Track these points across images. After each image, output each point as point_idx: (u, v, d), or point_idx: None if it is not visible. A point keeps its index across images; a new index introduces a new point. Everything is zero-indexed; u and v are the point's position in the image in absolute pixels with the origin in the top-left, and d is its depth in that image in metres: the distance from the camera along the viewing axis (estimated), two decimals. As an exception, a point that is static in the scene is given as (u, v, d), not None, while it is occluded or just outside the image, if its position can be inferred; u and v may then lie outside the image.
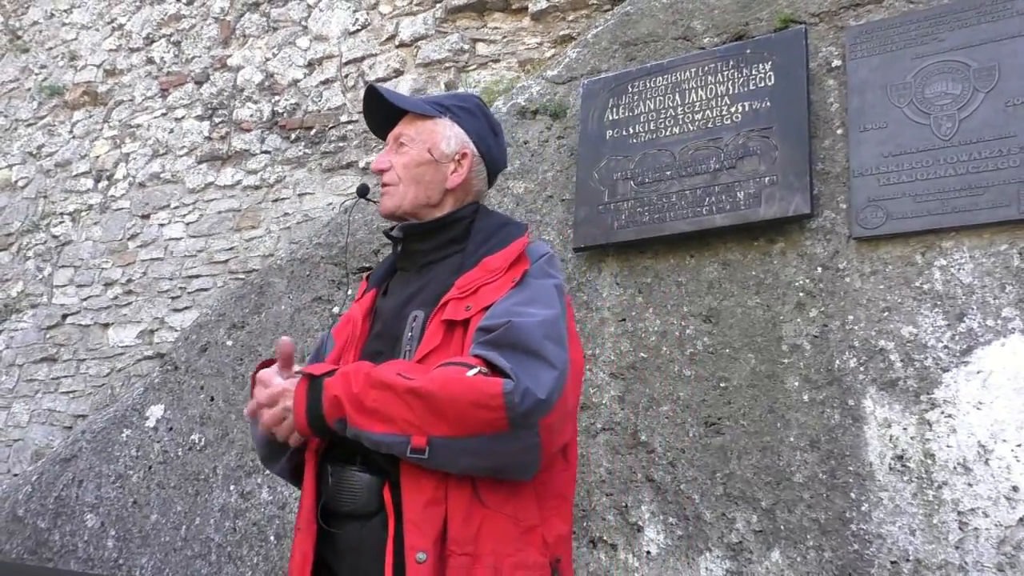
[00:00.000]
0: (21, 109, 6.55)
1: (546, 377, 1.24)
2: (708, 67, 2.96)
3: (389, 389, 1.25)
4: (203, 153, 5.42)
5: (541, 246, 1.49)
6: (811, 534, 2.43)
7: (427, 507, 1.26)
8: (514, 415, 1.20)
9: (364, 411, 1.26)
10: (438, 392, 1.22)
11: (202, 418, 3.95)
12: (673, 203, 2.88)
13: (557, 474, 1.38)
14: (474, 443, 1.23)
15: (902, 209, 2.51)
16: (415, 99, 1.63)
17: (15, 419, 5.77)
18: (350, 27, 4.98)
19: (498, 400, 1.20)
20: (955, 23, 2.57)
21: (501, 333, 1.27)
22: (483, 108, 1.59)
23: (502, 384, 1.21)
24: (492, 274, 1.40)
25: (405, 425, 1.24)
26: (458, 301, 1.37)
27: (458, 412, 1.22)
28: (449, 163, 1.51)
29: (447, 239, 1.51)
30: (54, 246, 5.99)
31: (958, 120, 2.49)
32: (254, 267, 4.91)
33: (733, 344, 2.71)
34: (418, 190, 1.50)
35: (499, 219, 1.55)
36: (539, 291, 1.37)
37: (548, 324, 1.30)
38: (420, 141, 1.52)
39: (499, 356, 1.24)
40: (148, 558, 3.85)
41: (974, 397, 2.32)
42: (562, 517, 1.38)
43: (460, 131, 1.53)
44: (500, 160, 1.61)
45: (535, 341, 1.26)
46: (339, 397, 1.28)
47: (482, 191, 1.59)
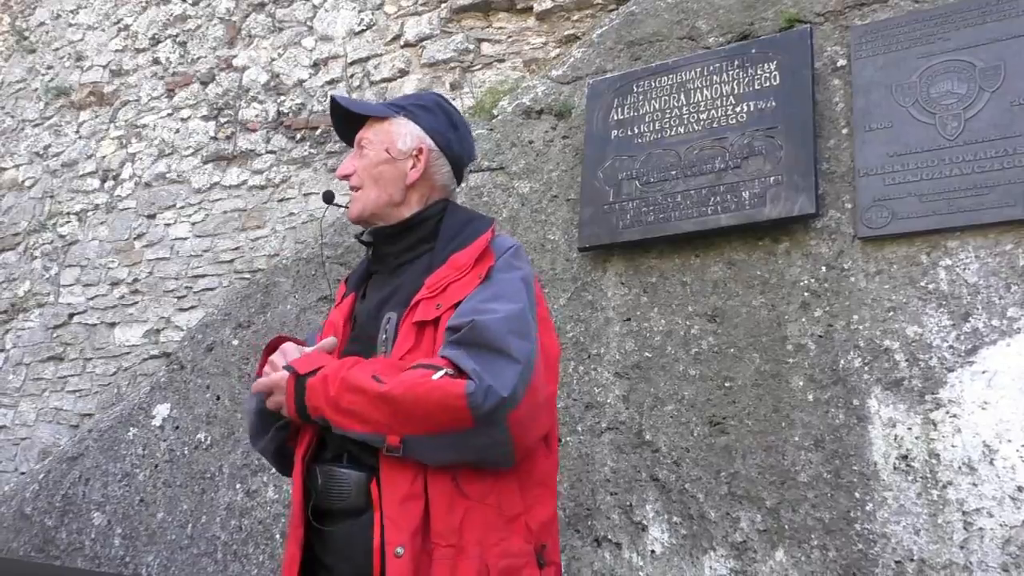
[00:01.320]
0: (28, 109, 6.58)
1: (510, 373, 1.27)
2: (713, 67, 2.96)
3: (362, 393, 1.30)
4: (209, 153, 5.44)
5: (506, 239, 1.52)
6: (815, 533, 2.44)
7: (404, 502, 1.29)
8: (478, 414, 1.24)
9: (341, 412, 1.32)
10: (404, 396, 1.27)
11: (208, 417, 3.96)
12: (678, 203, 2.89)
13: (539, 461, 1.41)
14: (445, 439, 1.28)
15: (907, 209, 2.51)
16: (372, 104, 1.68)
17: (22, 418, 5.80)
18: (355, 27, 4.99)
19: (461, 402, 1.24)
20: (961, 22, 2.56)
21: (466, 332, 1.30)
22: (442, 104, 1.61)
23: (464, 385, 1.25)
24: (459, 271, 1.43)
25: (379, 426, 1.29)
26: (428, 300, 1.41)
27: (424, 414, 1.26)
28: (407, 159, 1.54)
29: (416, 239, 1.53)
30: (61, 246, 6.02)
31: (963, 120, 2.49)
32: (260, 267, 4.93)
33: (738, 344, 2.72)
34: (379, 190, 1.53)
35: (466, 215, 1.58)
36: (504, 286, 1.40)
37: (512, 319, 1.32)
38: (378, 142, 1.55)
39: (464, 356, 1.28)
40: (155, 556, 3.86)
41: (979, 397, 2.32)
42: (545, 504, 1.41)
43: (415, 127, 1.55)
44: (464, 153, 1.63)
45: (499, 338, 1.29)
46: (319, 403, 1.34)
47: (448, 186, 1.60)
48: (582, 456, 2.87)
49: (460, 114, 1.64)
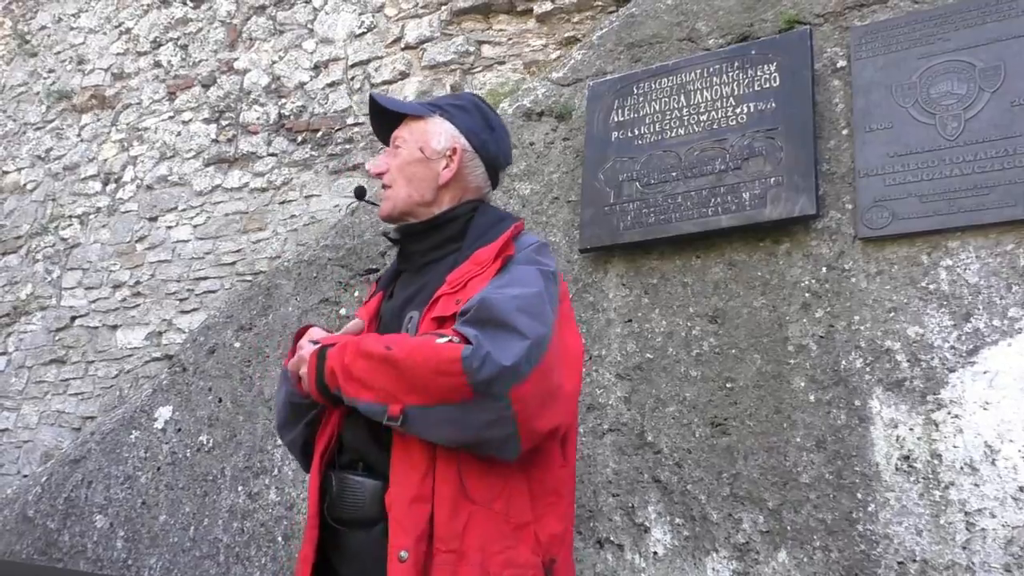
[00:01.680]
0: (30, 113, 6.59)
1: (515, 346, 1.21)
2: (713, 68, 2.96)
3: (371, 358, 1.28)
4: (210, 156, 5.45)
5: (530, 237, 1.49)
6: (818, 534, 2.44)
7: (412, 504, 1.26)
8: (475, 381, 1.19)
9: (352, 380, 1.29)
10: (405, 359, 1.24)
11: (210, 419, 3.97)
12: (679, 204, 2.89)
13: (553, 470, 1.36)
14: (444, 412, 1.23)
15: (908, 209, 2.51)
16: (409, 102, 1.65)
17: (24, 420, 5.81)
18: (356, 30, 5.00)
19: (456, 365, 1.20)
20: (960, 23, 2.56)
21: (475, 310, 1.27)
22: (479, 104, 1.59)
23: (461, 349, 1.21)
24: (480, 266, 1.40)
25: (383, 393, 1.26)
26: (448, 296, 1.38)
27: (422, 379, 1.23)
28: (440, 159, 1.52)
29: (443, 238, 1.51)
30: (63, 249, 6.03)
31: (964, 120, 2.49)
32: (261, 269, 4.94)
33: (739, 345, 2.72)
34: (411, 188, 1.52)
35: (497, 215, 1.55)
36: (518, 274, 1.36)
37: (523, 298, 1.28)
38: (412, 141, 1.53)
39: (470, 328, 1.24)
40: (157, 559, 3.87)
41: (981, 397, 2.32)
42: (558, 516, 1.35)
43: (450, 127, 1.53)
44: (500, 155, 1.60)
45: (505, 313, 1.24)
46: (334, 368, 1.32)
47: (482, 188, 1.58)
48: (584, 458, 2.87)
49: (497, 115, 1.62)
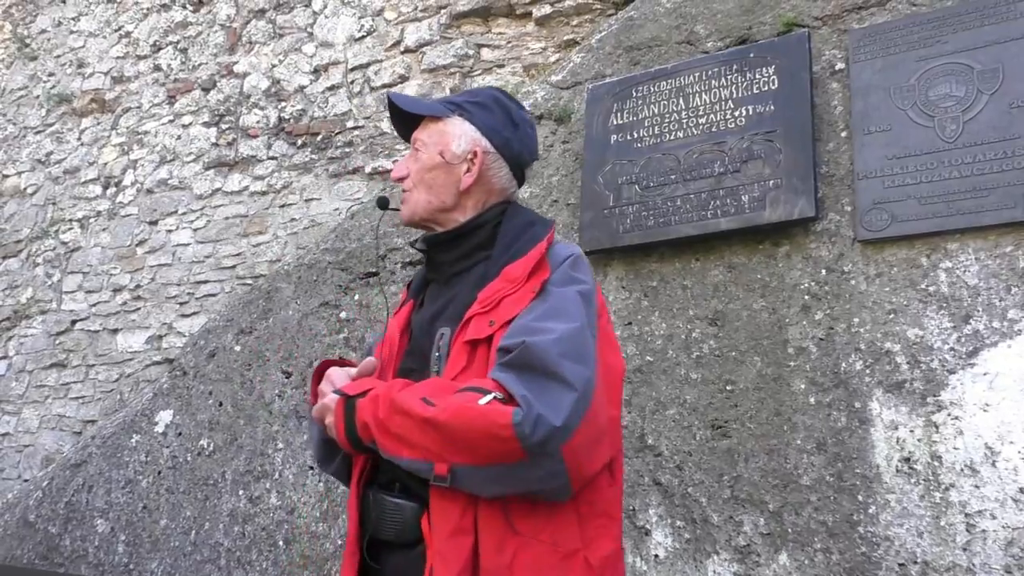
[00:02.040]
0: (30, 116, 6.60)
1: (564, 401, 1.16)
2: (712, 71, 2.97)
3: (409, 416, 1.22)
4: (210, 159, 5.45)
5: (565, 248, 1.39)
6: (818, 536, 2.44)
7: (452, 536, 1.22)
8: (528, 444, 1.14)
9: (390, 436, 1.24)
10: (451, 422, 1.18)
11: (211, 423, 3.97)
12: (678, 207, 2.89)
13: (602, 492, 1.31)
14: (495, 471, 1.18)
15: (907, 211, 2.51)
16: (428, 101, 1.56)
17: (25, 425, 5.81)
18: (355, 33, 5.01)
19: (508, 431, 1.14)
20: (959, 25, 2.57)
21: (516, 355, 1.20)
22: (500, 100, 1.50)
23: (511, 414, 1.15)
24: (513, 284, 1.32)
25: (426, 452, 1.21)
26: (481, 316, 1.31)
27: (472, 443, 1.18)
28: (461, 163, 1.45)
29: (472, 247, 1.44)
30: (63, 252, 6.03)
31: (962, 122, 2.50)
32: (261, 272, 4.94)
33: (739, 347, 2.72)
34: (430, 195, 1.45)
35: (526, 218, 1.46)
36: (560, 302, 1.28)
37: (566, 340, 1.21)
38: (432, 144, 1.47)
39: (514, 381, 1.18)
40: (158, 563, 3.87)
41: (981, 399, 2.32)
42: (609, 535, 1.30)
43: (470, 128, 1.46)
44: (525, 152, 1.51)
45: (551, 361, 1.18)
46: (367, 423, 1.27)
47: (507, 188, 1.50)
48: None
49: (521, 108, 1.53)
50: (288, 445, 3.67)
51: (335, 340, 3.72)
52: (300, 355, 3.79)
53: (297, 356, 3.80)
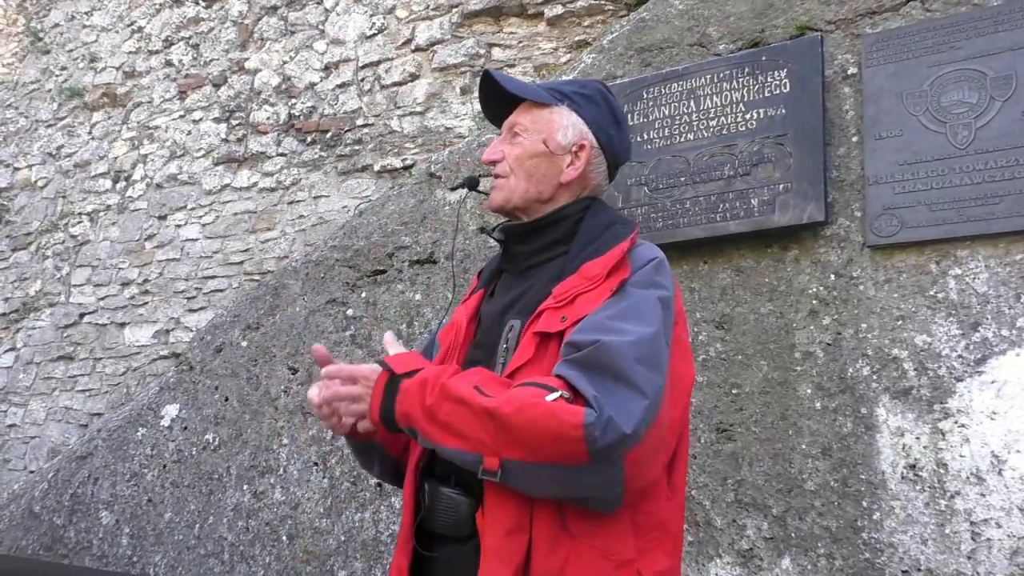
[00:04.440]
0: (42, 110, 6.63)
1: (635, 407, 1.12)
2: (723, 74, 2.96)
3: (464, 405, 1.17)
4: (220, 155, 5.47)
5: (649, 250, 1.34)
6: (822, 542, 2.43)
7: (509, 535, 1.18)
8: (595, 449, 1.09)
9: (436, 423, 1.19)
10: (514, 416, 1.13)
11: (216, 418, 3.98)
12: (687, 209, 2.89)
13: (660, 503, 1.25)
14: (549, 471, 1.13)
15: (917, 217, 2.50)
16: (532, 85, 1.49)
17: (32, 416, 5.84)
18: (367, 31, 5.02)
19: (578, 432, 1.09)
20: (972, 31, 2.56)
21: (589, 352, 1.15)
22: (606, 95, 1.45)
23: (583, 415, 1.10)
24: (590, 282, 1.27)
25: (478, 444, 1.16)
26: (553, 311, 1.26)
27: (534, 439, 1.12)
28: (565, 155, 1.39)
29: (551, 240, 1.39)
30: (72, 246, 6.06)
31: (974, 129, 2.49)
32: (269, 269, 4.95)
33: (746, 351, 2.71)
34: (530, 184, 1.39)
35: (608, 217, 1.40)
36: (638, 303, 1.22)
37: (642, 344, 1.16)
38: (535, 131, 1.40)
39: (584, 380, 1.13)
40: (162, 556, 3.88)
41: (988, 407, 2.31)
42: (665, 550, 1.24)
43: (578, 120, 1.40)
44: (622, 152, 1.47)
45: (625, 365, 1.13)
46: (411, 410, 1.21)
47: (600, 186, 1.45)
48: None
49: (621, 107, 1.49)
50: (293, 441, 3.68)
51: (341, 337, 3.73)
52: (306, 352, 3.80)
53: (303, 353, 3.81)
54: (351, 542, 3.36)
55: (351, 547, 3.35)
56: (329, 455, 3.55)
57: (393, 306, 3.63)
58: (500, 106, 1.46)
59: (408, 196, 3.85)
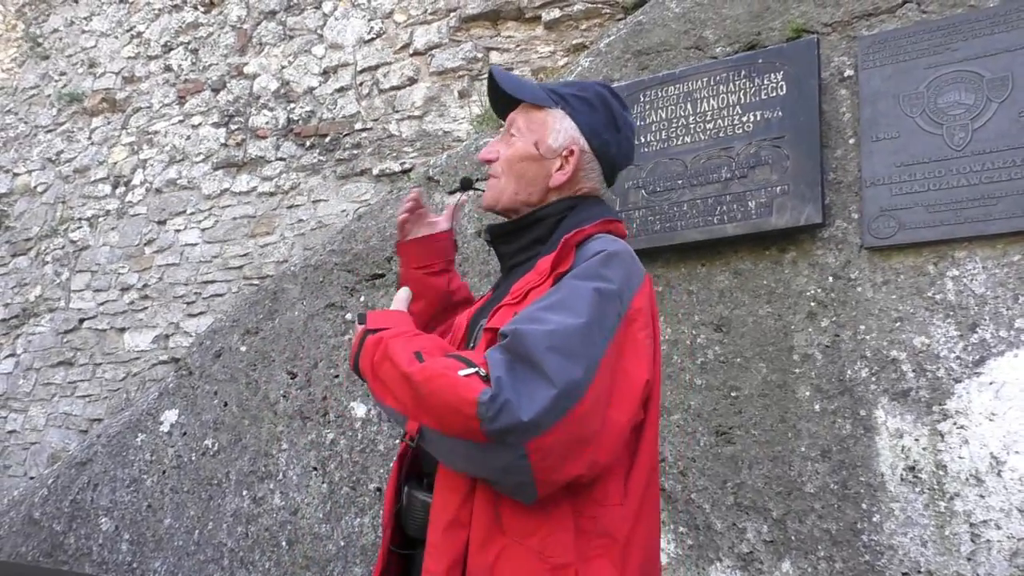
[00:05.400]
0: (41, 115, 6.64)
1: (539, 396, 1.08)
2: (720, 76, 2.96)
3: (394, 367, 1.20)
4: (219, 160, 5.47)
5: (603, 243, 1.29)
6: (822, 544, 2.43)
7: (447, 530, 1.17)
8: (488, 429, 1.07)
9: (378, 381, 1.24)
10: (424, 385, 1.14)
11: (216, 423, 3.98)
12: (684, 212, 2.89)
13: (607, 508, 1.19)
14: (458, 444, 1.13)
15: (915, 219, 2.50)
16: (531, 86, 1.47)
17: (32, 422, 5.84)
18: (365, 36, 5.02)
19: (470, 408, 1.08)
20: (968, 33, 2.56)
21: (507, 341, 1.14)
22: (606, 99, 1.42)
23: (479, 393, 1.08)
24: (540, 276, 1.27)
25: (402, 406, 1.19)
26: (509, 308, 1.26)
27: (437, 409, 1.13)
28: (555, 159, 1.38)
29: (531, 239, 1.39)
30: (72, 251, 6.06)
31: (971, 130, 2.49)
32: (268, 273, 4.95)
33: (744, 353, 2.71)
34: (518, 186, 1.39)
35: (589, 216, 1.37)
36: (569, 295, 1.18)
37: (561, 334, 1.12)
38: (529, 132, 1.39)
39: (500, 363, 1.11)
40: (161, 562, 3.88)
41: (987, 408, 2.31)
42: (611, 560, 1.17)
43: (571, 125, 1.38)
44: (620, 157, 1.44)
45: (536, 352, 1.10)
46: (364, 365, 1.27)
47: (596, 190, 1.42)
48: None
49: (627, 112, 1.45)
50: (292, 446, 3.68)
51: (340, 341, 3.73)
52: (305, 356, 3.80)
53: (302, 357, 3.81)
54: (350, 547, 3.35)
55: (350, 552, 3.35)
56: (328, 460, 3.55)
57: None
58: (506, 103, 1.46)
59: (406, 200, 3.85)
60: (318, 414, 3.66)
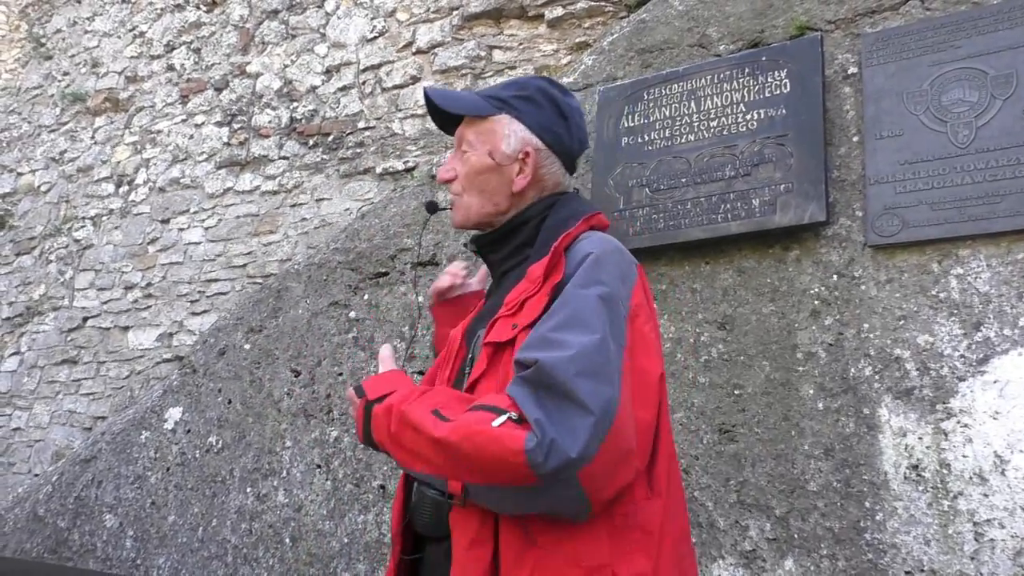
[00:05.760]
0: (44, 115, 6.65)
1: (580, 426, 1.08)
2: (723, 74, 2.96)
3: (420, 433, 1.18)
4: (222, 159, 5.48)
5: (589, 244, 1.28)
6: (825, 543, 2.43)
7: (470, 548, 1.17)
8: (543, 473, 1.07)
9: (403, 451, 1.21)
10: (462, 445, 1.13)
11: (219, 421, 3.99)
12: (688, 210, 2.89)
13: (639, 504, 1.21)
14: (510, 492, 1.13)
15: (918, 217, 2.50)
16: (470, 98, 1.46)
17: (36, 420, 5.85)
18: (367, 34, 5.02)
19: (520, 458, 1.07)
20: (972, 30, 2.55)
21: (531, 372, 1.13)
22: (547, 91, 1.42)
23: (524, 440, 1.08)
24: (534, 284, 1.26)
25: (440, 469, 1.17)
26: (506, 319, 1.26)
27: (483, 465, 1.12)
28: (512, 164, 1.38)
29: (516, 244, 1.39)
30: (76, 250, 6.07)
31: (975, 127, 2.48)
32: (272, 271, 4.96)
33: (748, 351, 2.71)
34: (482, 199, 1.39)
35: (569, 212, 1.37)
36: (579, 309, 1.18)
37: (585, 356, 1.12)
38: (480, 144, 1.39)
39: (530, 400, 1.11)
40: (165, 558, 3.88)
41: (991, 407, 2.30)
42: (644, 554, 1.18)
43: (520, 127, 1.38)
44: (575, 145, 1.44)
45: (567, 381, 1.10)
46: (382, 438, 1.25)
47: (560, 183, 1.43)
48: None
49: (569, 97, 1.45)
50: (296, 443, 3.68)
51: (344, 339, 3.73)
52: (309, 354, 3.80)
53: (306, 355, 3.81)
54: (354, 544, 3.36)
55: (354, 549, 3.35)
56: (332, 457, 3.55)
57: (395, 308, 3.64)
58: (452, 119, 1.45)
59: (410, 198, 3.86)
60: (322, 412, 3.66)
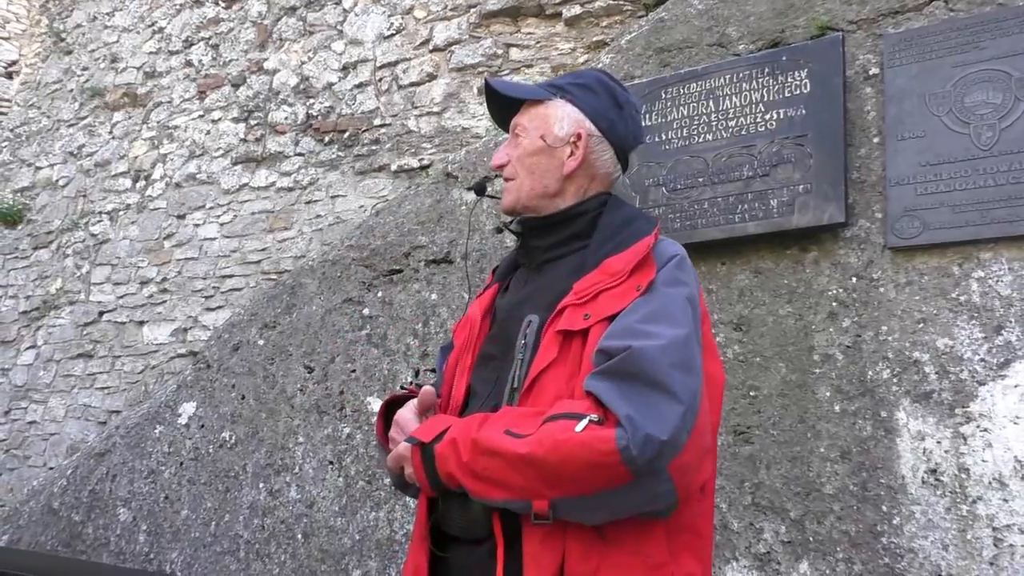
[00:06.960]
0: (63, 110, 6.70)
1: (670, 414, 1.09)
2: (743, 74, 2.94)
3: (498, 456, 1.15)
4: (238, 155, 5.50)
5: (670, 246, 1.33)
6: (841, 546, 2.40)
7: (545, 540, 1.17)
8: (636, 467, 1.08)
9: (479, 479, 1.18)
10: (549, 457, 1.11)
11: (233, 416, 4.00)
12: (705, 210, 2.87)
13: (691, 505, 1.22)
14: (600, 499, 1.12)
15: (939, 219, 2.47)
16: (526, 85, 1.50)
17: (52, 413, 5.89)
18: (384, 32, 5.03)
19: (614, 457, 1.08)
20: (997, 31, 2.52)
21: (620, 360, 1.13)
22: (604, 82, 1.44)
23: (615, 438, 1.08)
24: (613, 278, 1.26)
25: (523, 491, 1.15)
26: (576, 308, 1.25)
27: (575, 474, 1.11)
28: (564, 147, 1.39)
29: (569, 235, 1.39)
30: (92, 244, 6.11)
31: (999, 130, 2.45)
32: (286, 268, 4.97)
33: (764, 353, 2.69)
34: (534, 181, 1.40)
35: (628, 213, 1.40)
36: (667, 304, 1.21)
37: (675, 348, 1.14)
38: (533, 128, 1.41)
39: (614, 393, 1.11)
40: (178, 553, 3.90)
41: (1011, 411, 2.28)
42: (695, 554, 1.22)
43: (573, 110, 1.40)
44: (629, 136, 1.45)
45: (659, 371, 1.11)
46: (452, 471, 1.21)
47: (611, 174, 1.44)
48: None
49: (626, 91, 1.46)
50: (309, 439, 3.69)
51: (357, 336, 3.74)
52: (323, 350, 3.81)
53: (320, 351, 3.82)
54: (366, 541, 3.36)
55: (366, 546, 3.35)
56: (344, 454, 3.56)
57: (409, 306, 3.64)
58: (506, 111, 1.48)
59: (425, 196, 3.86)
60: (335, 408, 3.67)
